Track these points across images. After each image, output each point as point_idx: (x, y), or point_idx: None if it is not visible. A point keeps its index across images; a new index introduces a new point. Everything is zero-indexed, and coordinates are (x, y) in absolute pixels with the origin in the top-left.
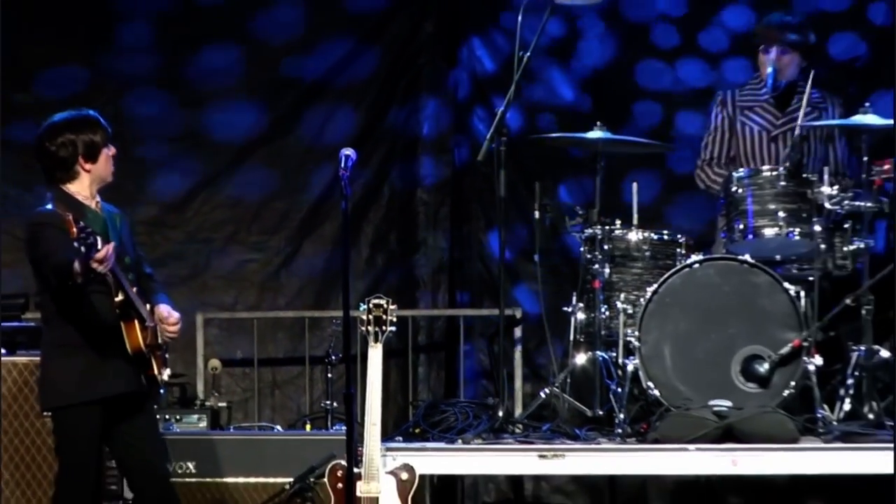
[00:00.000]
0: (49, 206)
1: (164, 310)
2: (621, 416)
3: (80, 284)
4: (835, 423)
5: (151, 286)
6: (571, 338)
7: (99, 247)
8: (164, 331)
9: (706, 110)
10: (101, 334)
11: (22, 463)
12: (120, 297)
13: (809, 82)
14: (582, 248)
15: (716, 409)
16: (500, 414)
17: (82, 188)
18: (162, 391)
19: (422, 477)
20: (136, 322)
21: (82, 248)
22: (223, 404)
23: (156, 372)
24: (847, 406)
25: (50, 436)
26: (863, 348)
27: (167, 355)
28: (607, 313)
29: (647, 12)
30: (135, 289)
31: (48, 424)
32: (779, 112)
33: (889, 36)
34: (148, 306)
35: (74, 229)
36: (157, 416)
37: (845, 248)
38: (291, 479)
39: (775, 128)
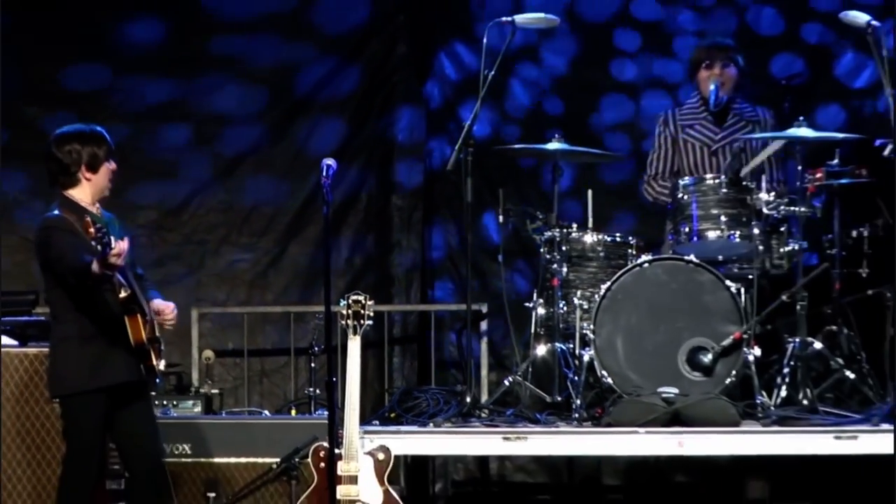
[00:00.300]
0: (56, 212)
1: (160, 303)
2: (578, 402)
3: (96, 281)
4: (772, 408)
5: (144, 285)
6: (532, 331)
7: (113, 245)
8: (163, 322)
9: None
10: (107, 328)
11: (32, 445)
12: (124, 294)
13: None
14: (542, 249)
15: (664, 395)
16: (468, 400)
17: (84, 195)
18: (158, 380)
19: (397, 457)
20: (138, 316)
21: (99, 247)
22: (216, 391)
23: (154, 362)
24: (783, 393)
25: (58, 420)
26: (797, 340)
27: (162, 347)
28: (565, 308)
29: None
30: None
31: (56, 409)
32: (717, 128)
33: (822, 53)
34: (144, 302)
35: (92, 230)
36: (156, 402)
37: (781, 250)
38: (278, 460)
39: (714, 142)
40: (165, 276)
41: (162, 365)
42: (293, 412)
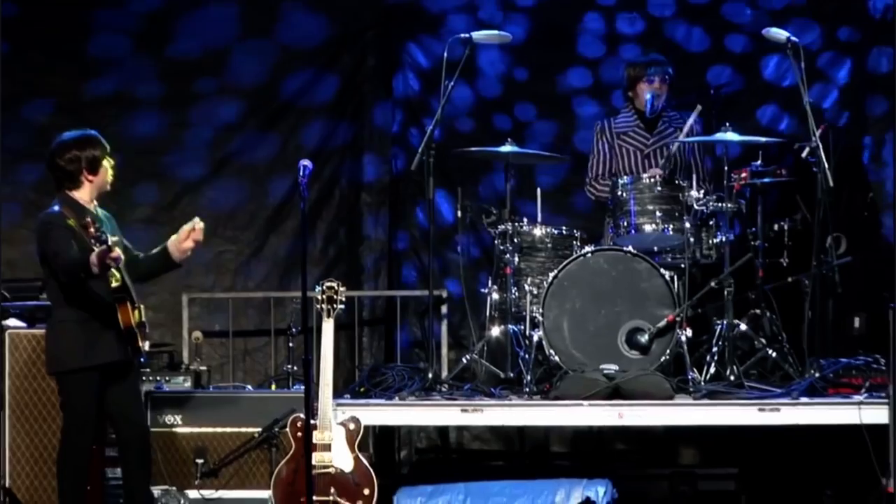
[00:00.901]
0: (56, 208)
1: (181, 231)
2: (528, 377)
3: (90, 276)
4: (702, 383)
5: (145, 255)
6: (487, 314)
7: (109, 242)
8: (194, 237)
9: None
10: (98, 313)
11: (39, 416)
12: (116, 284)
13: (695, 114)
14: (496, 241)
15: (605, 372)
16: (430, 376)
17: (84, 195)
18: (143, 359)
19: (366, 427)
20: (127, 304)
21: (97, 245)
22: (204, 368)
23: (140, 344)
24: (712, 370)
25: (58, 397)
26: (725, 322)
27: (147, 331)
28: (517, 294)
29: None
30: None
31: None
32: (648, 134)
33: (748, 61)
34: (132, 291)
35: (92, 229)
36: (150, 378)
37: (710, 241)
38: (260, 429)
39: (647, 147)
40: None
41: (147, 346)
42: (273, 387)
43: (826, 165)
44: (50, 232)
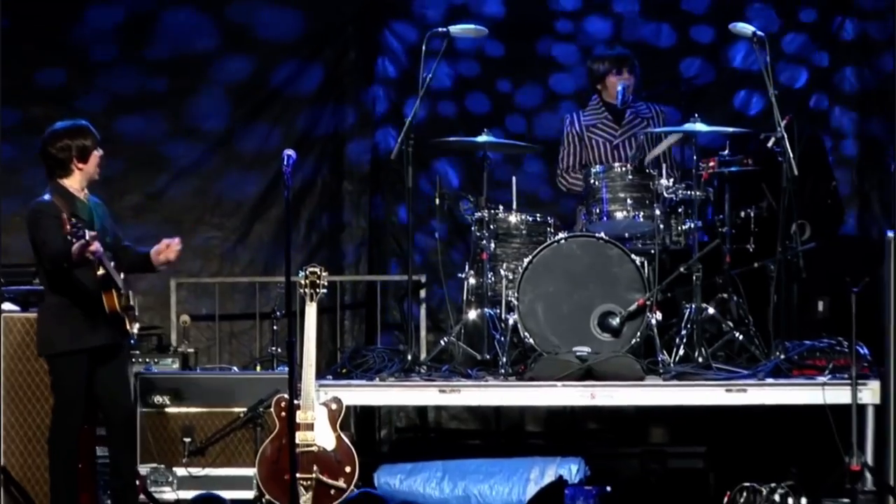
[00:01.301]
0: (47, 197)
1: (161, 244)
2: (504, 359)
3: (73, 266)
4: (672, 365)
5: (133, 249)
6: (464, 298)
7: (87, 238)
8: (169, 255)
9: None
10: (85, 300)
11: (32, 395)
12: (101, 272)
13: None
14: (472, 228)
15: (578, 354)
16: (409, 358)
17: (74, 182)
18: (133, 340)
19: (347, 407)
20: (113, 291)
21: (73, 240)
22: (191, 350)
23: (127, 328)
24: (681, 352)
25: (48, 376)
26: (693, 306)
27: (136, 314)
28: (493, 279)
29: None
30: (112, 263)
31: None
32: (616, 126)
33: (714, 49)
34: (122, 275)
35: (68, 226)
36: (140, 360)
37: (679, 228)
38: (245, 409)
39: (615, 138)
40: None
41: (136, 329)
42: (258, 368)
43: (791, 155)
44: (39, 220)
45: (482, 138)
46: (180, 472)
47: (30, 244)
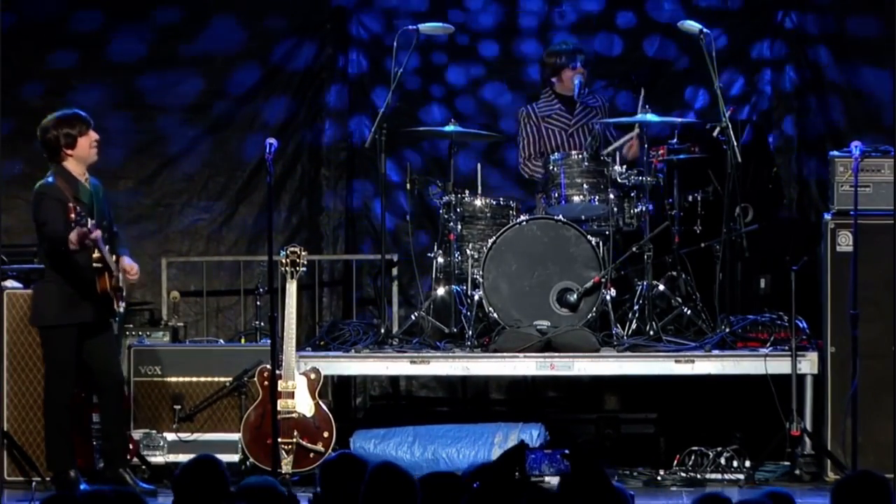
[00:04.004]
0: (51, 179)
1: (127, 263)
2: (470, 332)
3: (68, 251)
4: (625, 338)
5: (116, 242)
6: (433, 275)
7: (89, 226)
8: (128, 278)
9: None
10: (79, 280)
11: (25, 367)
12: (97, 255)
13: (641, 97)
14: (441, 210)
15: (538, 327)
16: (382, 331)
17: (73, 167)
18: (117, 319)
19: (325, 377)
20: (105, 274)
21: (75, 227)
22: (181, 324)
23: (115, 307)
24: (634, 325)
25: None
26: (645, 283)
27: (124, 293)
28: (459, 258)
29: None
30: (107, 246)
31: None
32: (570, 115)
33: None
34: (114, 257)
35: (73, 214)
36: (133, 333)
37: (632, 211)
38: (230, 379)
39: (570, 127)
40: (140, 232)
41: (122, 307)
42: (243, 341)
43: (735, 143)
44: (41, 202)
45: (449, 128)
46: (170, 436)
47: (31, 224)
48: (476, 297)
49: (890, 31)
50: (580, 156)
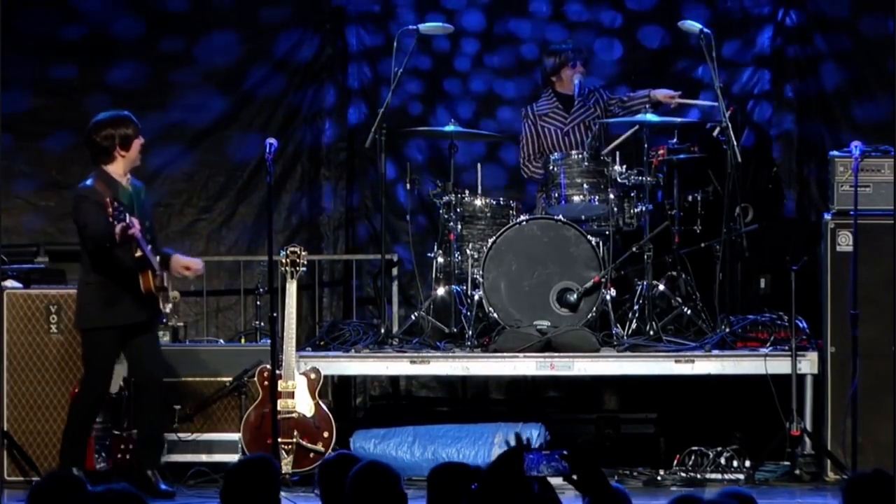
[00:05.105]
0: (90, 182)
1: (185, 260)
2: (470, 332)
3: (114, 245)
4: (625, 337)
5: (158, 242)
6: (433, 275)
7: (128, 220)
8: (190, 274)
9: None
10: (123, 279)
11: (34, 367)
12: (139, 254)
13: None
14: (440, 210)
15: (538, 327)
16: (382, 331)
17: (117, 168)
18: (164, 319)
19: (325, 377)
20: (148, 272)
21: (116, 222)
22: (181, 324)
23: (160, 306)
24: (634, 325)
25: (52, 350)
26: (645, 283)
27: (169, 294)
28: (459, 258)
29: None
30: (150, 246)
31: (52, 340)
32: (566, 114)
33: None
34: (158, 258)
35: (110, 209)
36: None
37: (632, 211)
38: (231, 379)
39: (566, 125)
40: None
41: (168, 308)
42: (243, 341)
43: (734, 143)
44: (80, 205)
45: (449, 128)
46: (170, 436)
47: (36, 224)
48: (476, 297)
49: (890, 31)
50: (580, 155)
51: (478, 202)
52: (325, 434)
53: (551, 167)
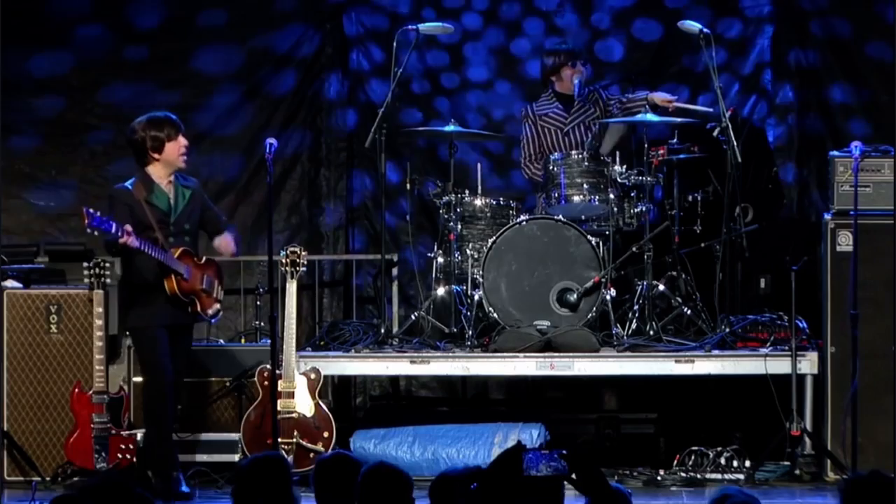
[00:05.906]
0: (128, 182)
1: (217, 241)
2: (470, 332)
3: (116, 253)
4: (625, 337)
5: (222, 228)
6: (433, 275)
7: (114, 229)
8: (226, 251)
9: None
10: (146, 283)
11: (34, 366)
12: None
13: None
14: (440, 210)
15: (538, 327)
16: (382, 331)
17: (157, 170)
18: (214, 320)
19: (325, 377)
20: (172, 276)
21: (92, 232)
22: None
23: (198, 309)
24: (634, 325)
25: (52, 350)
26: (645, 283)
27: (215, 295)
28: (459, 257)
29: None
30: (177, 249)
31: (52, 340)
32: (566, 114)
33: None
34: (203, 259)
35: (85, 220)
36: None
37: (632, 211)
38: (231, 378)
39: (566, 124)
40: None
41: (211, 310)
42: (243, 341)
43: (735, 143)
44: (111, 204)
45: (449, 128)
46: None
47: (36, 224)
48: (476, 297)
49: (890, 31)
50: (580, 156)
51: (478, 202)
52: (325, 434)
53: (551, 167)
